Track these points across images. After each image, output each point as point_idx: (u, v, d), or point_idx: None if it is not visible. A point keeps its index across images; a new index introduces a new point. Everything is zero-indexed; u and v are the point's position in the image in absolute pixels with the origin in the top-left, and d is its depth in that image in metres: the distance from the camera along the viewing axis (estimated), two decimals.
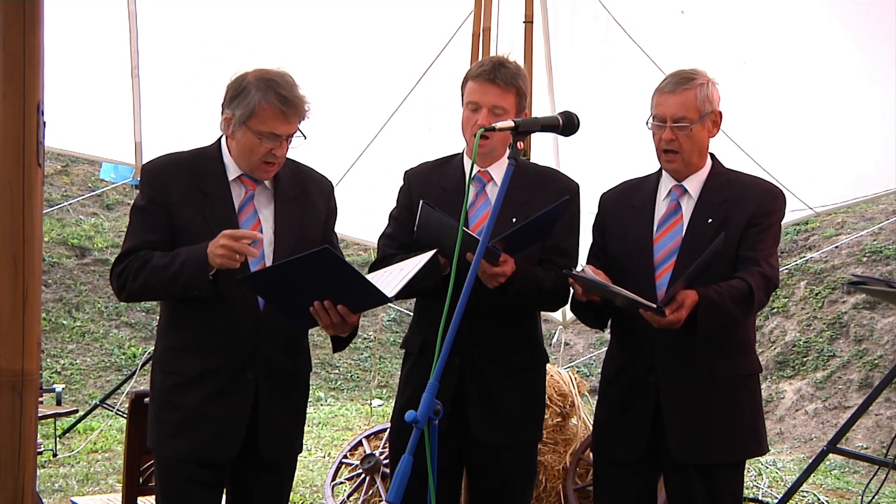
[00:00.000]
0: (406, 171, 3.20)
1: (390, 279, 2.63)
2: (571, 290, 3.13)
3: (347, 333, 2.76)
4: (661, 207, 2.99)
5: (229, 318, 2.74)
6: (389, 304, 2.69)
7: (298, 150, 2.91)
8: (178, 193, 2.74)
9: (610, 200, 3.13)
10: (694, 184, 2.97)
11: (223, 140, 2.83)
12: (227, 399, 2.74)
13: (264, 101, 2.68)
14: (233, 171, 2.80)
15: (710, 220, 2.90)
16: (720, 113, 2.95)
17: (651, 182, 3.05)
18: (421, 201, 2.77)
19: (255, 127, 2.70)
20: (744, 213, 2.90)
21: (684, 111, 2.87)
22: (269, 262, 2.76)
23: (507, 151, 2.40)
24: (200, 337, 2.75)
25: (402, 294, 2.91)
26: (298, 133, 2.77)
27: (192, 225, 2.72)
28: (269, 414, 2.79)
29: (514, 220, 2.94)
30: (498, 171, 3.03)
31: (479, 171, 3.02)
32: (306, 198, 2.90)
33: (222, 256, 2.56)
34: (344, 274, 2.52)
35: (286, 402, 2.86)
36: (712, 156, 3.02)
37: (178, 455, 2.76)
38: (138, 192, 2.83)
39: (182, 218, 2.73)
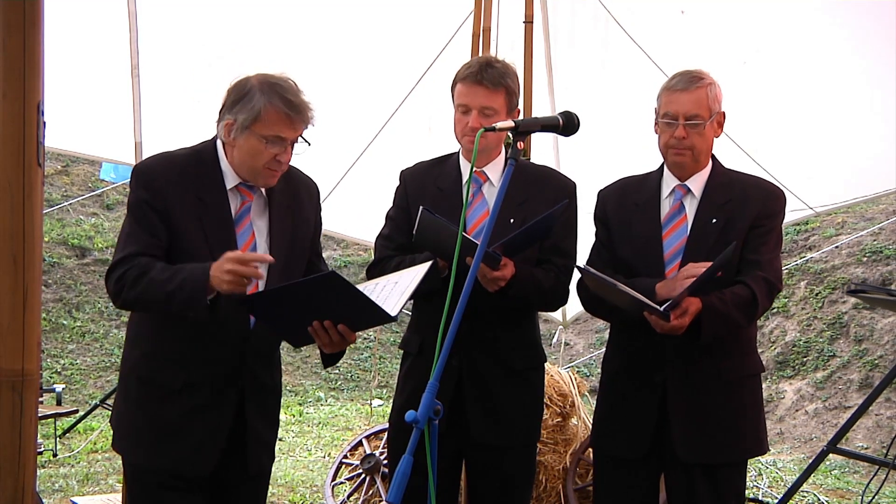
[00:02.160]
0: (402, 171, 3.20)
1: (388, 293, 2.58)
2: (573, 289, 3.14)
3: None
4: (665, 206, 3.00)
5: (218, 331, 2.62)
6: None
7: (300, 148, 2.90)
8: (175, 198, 2.62)
9: (610, 196, 3.12)
10: (697, 183, 2.97)
11: (219, 144, 2.72)
12: (209, 413, 2.65)
13: (270, 105, 2.58)
14: (231, 180, 2.68)
15: (714, 221, 2.91)
16: (724, 113, 2.96)
17: (653, 180, 3.05)
18: (421, 207, 2.76)
19: (259, 131, 2.60)
20: (747, 215, 2.91)
21: (697, 109, 2.88)
22: (262, 274, 2.66)
23: (508, 151, 2.40)
24: (186, 348, 2.64)
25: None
26: (302, 140, 2.68)
27: (188, 233, 2.61)
28: (256, 428, 2.72)
29: (511, 220, 2.94)
30: (494, 170, 3.03)
31: (476, 171, 3.02)
32: (298, 206, 2.82)
33: (230, 283, 2.42)
34: (349, 296, 2.46)
35: (267, 414, 2.80)
36: (713, 156, 3.03)
37: (153, 467, 2.66)
38: (130, 194, 2.68)
39: (179, 226, 2.62)
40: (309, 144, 2.70)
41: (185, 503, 2.69)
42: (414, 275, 2.61)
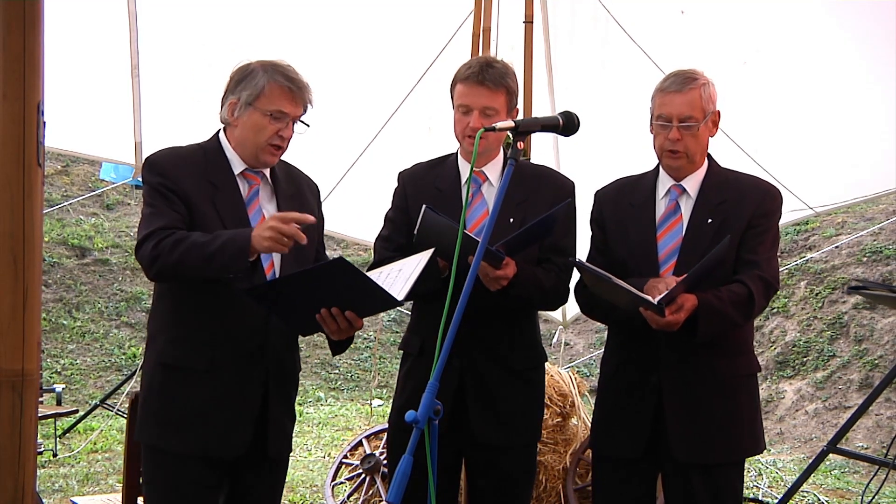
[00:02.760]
0: (400, 173, 3.20)
1: (392, 280, 2.61)
2: (572, 287, 3.14)
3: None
4: (660, 207, 2.99)
5: (240, 310, 2.66)
6: None
7: (300, 149, 2.91)
8: (190, 183, 2.70)
9: (607, 197, 3.12)
10: (692, 183, 2.97)
11: (221, 135, 2.81)
12: (236, 394, 2.69)
13: (272, 81, 2.71)
14: (237, 165, 2.77)
15: (709, 221, 2.91)
16: (719, 112, 2.95)
17: (649, 180, 3.05)
18: (423, 206, 2.76)
19: (262, 106, 2.70)
20: (743, 215, 2.91)
21: (691, 111, 2.87)
22: (275, 260, 2.73)
23: (509, 151, 2.40)
24: (209, 329, 2.69)
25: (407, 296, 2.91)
26: (301, 122, 2.77)
27: (205, 215, 2.68)
28: (276, 412, 2.77)
29: (511, 220, 2.94)
30: (493, 170, 3.03)
31: (475, 171, 3.01)
32: (302, 196, 2.90)
33: (270, 239, 2.50)
34: (357, 281, 2.50)
35: (287, 398, 2.85)
36: (709, 156, 3.03)
37: (184, 453, 2.68)
38: (146, 184, 2.74)
39: (196, 207, 2.68)
40: (308, 126, 2.78)
41: (207, 489, 2.72)
42: (418, 261, 2.64)
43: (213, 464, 2.71)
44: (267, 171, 2.82)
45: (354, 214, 5.60)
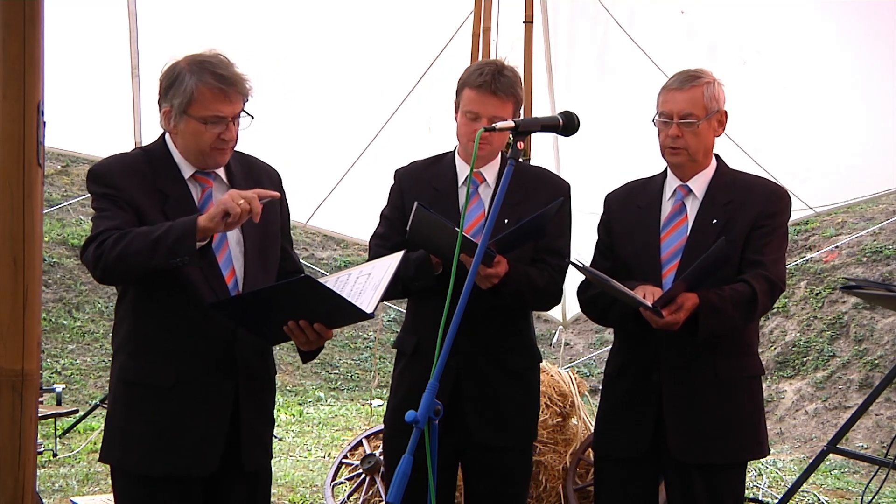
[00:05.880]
0: (397, 170, 3.19)
1: (362, 286, 2.55)
2: (569, 290, 3.14)
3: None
4: (667, 207, 3.00)
5: (205, 321, 2.53)
6: (389, 304, 2.67)
7: (300, 149, 2.89)
8: (137, 192, 2.55)
9: (615, 201, 3.13)
10: (699, 184, 2.97)
11: (168, 138, 2.65)
12: (206, 410, 2.57)
13: (201, 84, 2.51)
14: (187, 170, 2.62)
15: (714, 221, 2.91)
16: (726, 113, 2.95)
17: (656, 182, 3.06)
18: (416, 203, 2.75)
19: (196, 113, 2.53)
20: (749, 215, 2.91)
21: (691, 108, 2.88)
22: (238, 263, 2.61)
23: (508, 151, 2.40)
24: (173, 342, 2.56)
25: (395, 294, 2.88)
26: (244, 114, 2.59)
27: (155, 224, 2.50)
28: (250, 424, 2.64)
29: (506, 220, 2.94)
30: (490, 171, 3.03)
31: (473, 172, 3.01)
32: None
33: (242, 206, 2.34)
34: (326, 298, 2.44)
35: (262, 408, 2.73)
36: (717, 157, 3.03)
37: (151, 474, 2.56)
38: (91, 194, 2.59)
39: (148, 219, 2.52)
40: (252, 118, 2.61)
41: None
42: (387, 266, 2.58)
43: (184, 482, 2.59)
44: (221, 170, 2.67)
45: (354, 214, 5.59)
